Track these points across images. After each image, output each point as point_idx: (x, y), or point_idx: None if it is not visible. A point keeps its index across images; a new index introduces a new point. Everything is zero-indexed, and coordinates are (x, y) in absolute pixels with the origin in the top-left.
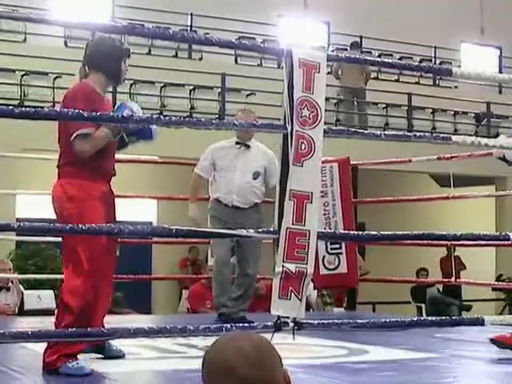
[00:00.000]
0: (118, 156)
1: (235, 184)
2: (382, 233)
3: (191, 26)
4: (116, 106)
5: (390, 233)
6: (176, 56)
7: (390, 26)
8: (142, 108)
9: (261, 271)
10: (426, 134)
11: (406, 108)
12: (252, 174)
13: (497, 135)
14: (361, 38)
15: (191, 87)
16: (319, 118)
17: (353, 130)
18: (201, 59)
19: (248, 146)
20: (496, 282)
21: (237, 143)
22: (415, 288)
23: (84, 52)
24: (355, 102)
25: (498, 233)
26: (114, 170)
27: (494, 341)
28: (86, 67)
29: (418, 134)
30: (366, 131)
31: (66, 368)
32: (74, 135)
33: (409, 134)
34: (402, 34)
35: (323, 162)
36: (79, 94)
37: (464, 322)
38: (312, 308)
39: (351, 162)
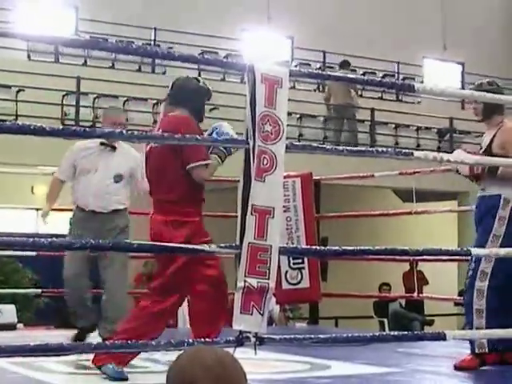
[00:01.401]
0: None
1: (93, 186)
2: (343, 248)
3: (155, 40)
4: (212, 130)
5: (351, 248)
6: (139, 70)
7: (354, 41)
8: None
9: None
10: (389, 149)
11: (369, 123)
12: (113, 176)
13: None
14: (324, 53)
15: (154, 101)
16: (281, 133)
17: (315, 145)
18: (164, 73)
19: (114, 148)
20: (458, 297)
21: (101, 144)
22: (378, 303)
23: (170, 89)
24: (344, 120)
25: (460, 248)
26: None
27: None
28: (171, 104)
29: (380, 149)
30: (328, 147)
31: (107, 368)
32: (195, 164)
33: (371, 149)
34: (366, 49)
35: (285, 177)
36: (187, 123)
37: (426, 336)
38: (275, 323)
39: (314, 177)
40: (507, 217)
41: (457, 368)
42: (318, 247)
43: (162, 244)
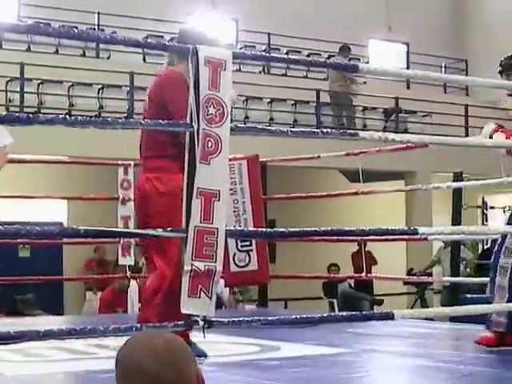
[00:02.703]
0: (25, 156)
1: None
2: (290, 229)
3: (99, 25)
4: None
5: (298, 229)
6: (84, 55)
7: (298, 22)
8: (50, 108)
9: None
10: (334, 130)
11: (315, 104)
12: None
13: (405, 130)
14: (269, 34)
15: (99, 86)
16: (225, 115)
17: (260, 127)
18: (109, 58)
19: None
20: (407, 276)
21: None
22: (327, 284)
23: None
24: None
25: (407, 227)
26: None
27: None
28: (174, 55)
29: (325, 130)
30: (272, 128)
31: None
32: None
33: (316, 130)
34: (310, 30)
35: (232, 160)
36: (177, 82)
37: (374, 316)
38: (224, 305)
39: (260, 159)
40: None
41: (476, 343)
42: (265, 229)
43: (107, 229)
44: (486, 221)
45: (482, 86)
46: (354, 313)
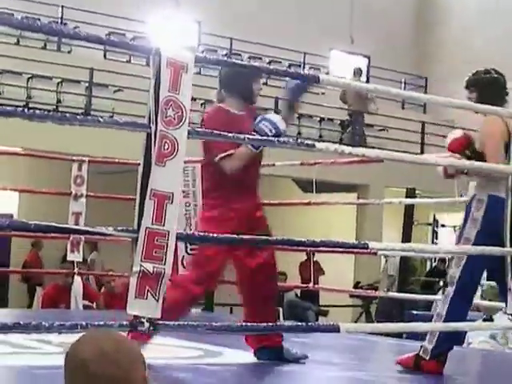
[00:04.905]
0: None
1: None
2: (241, 236)
3: (62, 18)
4: (258, 119)
5: (249, 237)
6: (45, 48)
7: (262, 29)
8: (8, 99)
9: (118, 269)
10: (291, 140)
11: (273, 112)
12: None
13: (364, 142)
14: (231, 39)
15: (59, 80)
16: (184, 118)
17: (216, 132)
18: (70, 52)
19: None
20: (353, 290)
21: None
22: None
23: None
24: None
25: (357, 240)
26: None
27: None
28: (222, 90)
29: (282, 139)
30: (229, 134)
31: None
32: (219, 157)
33: (272, 139)
34: (273, 38)
35: (186, 163)
36: (215, 119)
37: (320, 328)
38: None
39: None
40: (480, 219)
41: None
42: (215, 235)
43: (58, 225)
44: (436, 238)
45: (440, 105)
46: (299, 324)
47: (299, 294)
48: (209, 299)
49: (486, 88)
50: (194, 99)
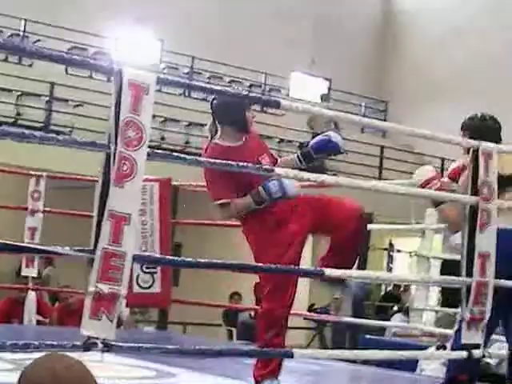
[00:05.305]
0: None
1: None
2: (197, 260)
3: (24, 31)
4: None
5: (205, 260)
6: (6, 60)
7: (223, 48)
8: None
9: (74, 284)
10: (250, 164)
11: None
12: None
13: (323, 165)
14: (193, 58)
15: (19, 93)
16: (143, 140)
17: (175, 154)
18: (31, 66)
19: None
20: (308, 313)
21: None
22: (227, 311)
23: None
24: None
25: (313, 262)
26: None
27: None
28: (216, 123)
29: (241, 164)
30: (188, 157)
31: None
32: (216, 204)
33: (232, 163)
34: (235, 57)
35: (144, 181)
36: (212, 157)
37: (273, 354)
38: (123, 325)
39: (173, 183)
40: None
41: None
42: (171, 257)
43: (13, 244)
44: (392, 263)
45: (400, 133)
46: (253, 348)
47: (253, 315)
48: (163, 317)
49: (478, 133)
50: (153, 116)
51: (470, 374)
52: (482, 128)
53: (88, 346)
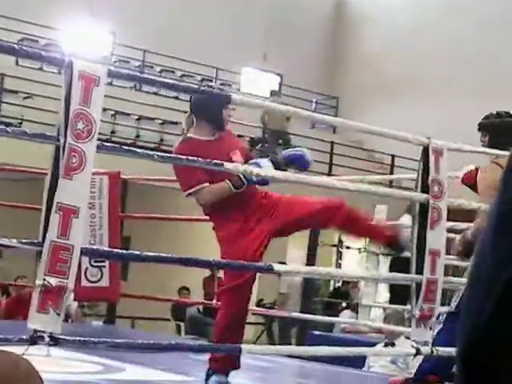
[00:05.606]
0: None
1: None
2: (145, 254)
3: None
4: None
5: (153, 254)
6: None
7: (175, 42)
8: None
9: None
10: (200, 159)
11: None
12: None
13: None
14: (144, 52)
15: None
16: (93, 132)
17: (126, 148)
18: None
19: None
20: (257, 308)
21: None
22: (176, 306)
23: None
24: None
25: (263, 263)
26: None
27: None
28: (192, 116)
29: (190, 158)
30: (139, 150)
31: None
32: (187, 193)
33: (182, 157)
34: (186, 51)
35: (93, 174)
36: (179, 149)
37: (222, 349)
38: (71, 319)
39: (122, 176)
40: None
41: None
42: (120, 251)
43: None
44: (341, 259)
45: (350, 129)
46: (202, 343)
47: (201, 310)
48: (111, 311)
49: (497, 131)
50: (104, 110)
51: (441, 375)
52: (500, 125)
53: (34, 339)
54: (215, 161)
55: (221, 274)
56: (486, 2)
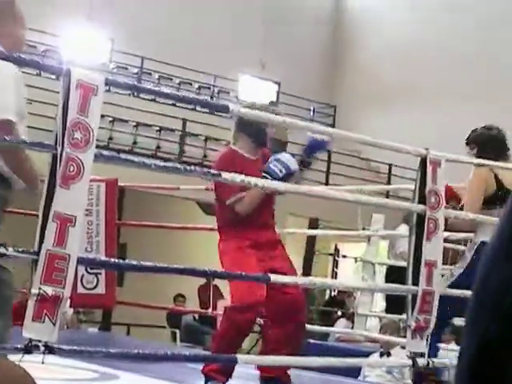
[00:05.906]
0: None
1: None
2: (142, 263)
3: None
4: (270, 159)
5: (150, 264)
6: None
7: (173, 49)
8: None
9: (18, 281)
10: (197, 168)
11: (180, 133)
12: None
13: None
14: (142, 59)
15: None
16: (91, 141)
17: (123, 157)
18: None
19: None
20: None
21: None
22: (171, 313)
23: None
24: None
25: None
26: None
27: None
28: (237, 132)
29: (188, 167)
30: (136, 159)
31: None
32: (229, 202)
33: (179, 166)
34: (185, 58)
35: (91, 181)
36: (222, 160)
37: (217, 359)
38: (66, 325)
39: (119, 184)
40: (468, 260)
41: None
42: (116, 260)
43: None
44: (337, 268)
45: (345, 139)
46: (197, 352)
47: (197, 318)
48: (106, 318)
49: (484, 144)
50: (102, 116)
51: None
52: (487, 138)
53: (30, 348)
54: (212, 171)
55: (216, 282)
56: (486, 1)
